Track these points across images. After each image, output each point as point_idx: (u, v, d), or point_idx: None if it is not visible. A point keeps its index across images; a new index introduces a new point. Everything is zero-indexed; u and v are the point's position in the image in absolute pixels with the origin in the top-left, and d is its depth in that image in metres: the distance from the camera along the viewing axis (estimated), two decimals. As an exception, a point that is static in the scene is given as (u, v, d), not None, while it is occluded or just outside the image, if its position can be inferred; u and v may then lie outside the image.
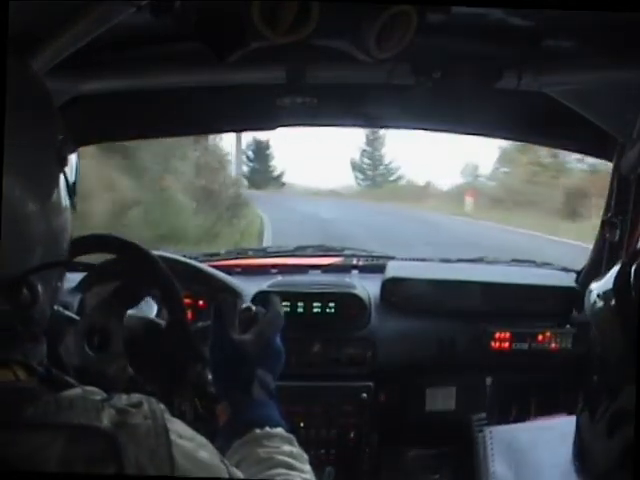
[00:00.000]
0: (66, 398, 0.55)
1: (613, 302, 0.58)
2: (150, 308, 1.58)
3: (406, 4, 1.00)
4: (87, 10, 0.92)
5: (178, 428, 0.59)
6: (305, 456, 0.82)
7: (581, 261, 1.86)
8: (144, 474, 0.54)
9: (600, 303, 0.61)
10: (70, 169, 0.65)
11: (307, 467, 0.80)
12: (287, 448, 0.80)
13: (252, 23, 0.96)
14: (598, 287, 0.62)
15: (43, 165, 0.62)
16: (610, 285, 0.59)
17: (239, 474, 0.66)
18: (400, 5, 0.99)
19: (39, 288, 0.59)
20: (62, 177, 0.64)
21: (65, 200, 0.65)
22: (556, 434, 1.10)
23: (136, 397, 0.58)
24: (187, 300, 1.47)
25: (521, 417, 1.68)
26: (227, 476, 0.62)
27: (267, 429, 0.81)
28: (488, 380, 1.73)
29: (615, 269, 0.59)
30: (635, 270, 0.57)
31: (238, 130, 2.94)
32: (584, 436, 0.58)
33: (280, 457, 0.78)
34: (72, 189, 0.66)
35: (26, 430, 0.53)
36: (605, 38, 1.12)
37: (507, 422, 1.59)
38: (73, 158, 0.67)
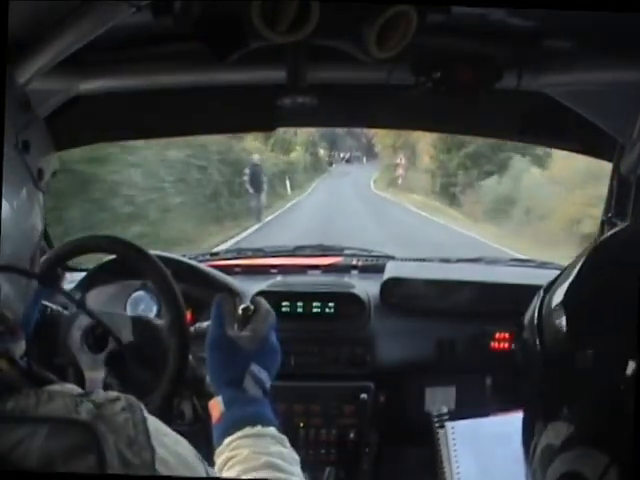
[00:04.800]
0: (45, 392, 0.56)
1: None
2: (149, 308, 1.59)
3: (406, 4, 1.00)
4: (87, 10, 0.92)
5: (156, 424, 0.59)
6: (296, 458, 0.81)
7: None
8: (125, 462, 0.54)
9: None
10: (34, 154, 0.64)
11: (297, 469, 0.79)
12: (277, 449, 0.79)
13: (252, 23, 0.96)
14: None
15: (4, 153, 0.60)
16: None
17: (215, 473, 0.66)
18: (400, 5, 0.99)
19: (0, 283, 0.59)
20: (24, 163, 0.63)
21: (31, 189, 0.64)
22: (518, 428, 1.10)
23: (113, 393, 0.58)
24: (186, 300, 1.47)
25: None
26: (204, 474, 0.62)
27: (259, 427, 0.81)
28: (488, 380, 1.73)
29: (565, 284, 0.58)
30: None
31: (238, 130, 2.95)
32: (526, 474, 0.58)
33: (268, 458, 0.77)
34: (38, 176, 0.65)
35: (6, 423, 0.53)
36: (605, 38, 1.11)
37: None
38: (39, 143, 0.65)
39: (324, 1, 0.97)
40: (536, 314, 0.56)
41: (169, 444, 0.59)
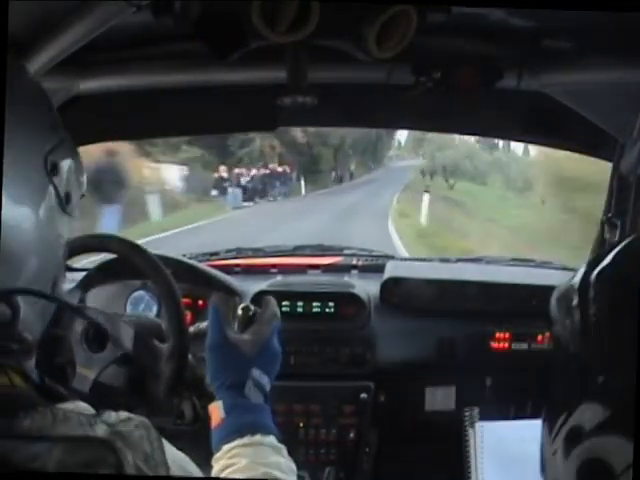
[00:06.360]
0: (61, 411, 0.56)
1: (575, 307, 0.56)
2: (149, 308, 1.59)
3: (406, 4, 1.00)
4: (87, 10, 0.92)
5: (166, 443, 0.60)
6: (293, 468, 0.81)
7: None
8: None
9: (562, 306, 0.60)
10: (62, 178, 0.64)
11: (293, 479, 0.79)
12: (275, 459, 0.79)
13: (252, 23, 0.96)
14: (562, 290, 0.60)
15: (31, 173, 0.60)
16: (574, 289, 0.57)
17: None
18: (400, 5, 0.99)
19: (20, 304, 0.59)
20: (52, 186, 0.63)
21: (57, 210, 0.64)
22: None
23: (124, 414, 0.59)
24: (186, 300, 1.47)
25: (520, 417, 1.68)
26: None
27: (258, 436, 0.80)
28: (488, 380, 1.73)
29: (581, 271, 0.57)
30: (597, 275, 0.54)
31: (238, 130, 2.96)
32: (545, 450, 0.57)
33: (266, 469, 0.77)
34: (65, 198, 0.65)
35: (23, 440, 0.53)
36: (605, 38, 1.11)
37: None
38: (68, 166, 0.65)
39: (324, 1, 0.97)
40: (578, 287, 0.55)
41: (181, 463, 0.61)
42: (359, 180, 22.85)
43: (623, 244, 0.56)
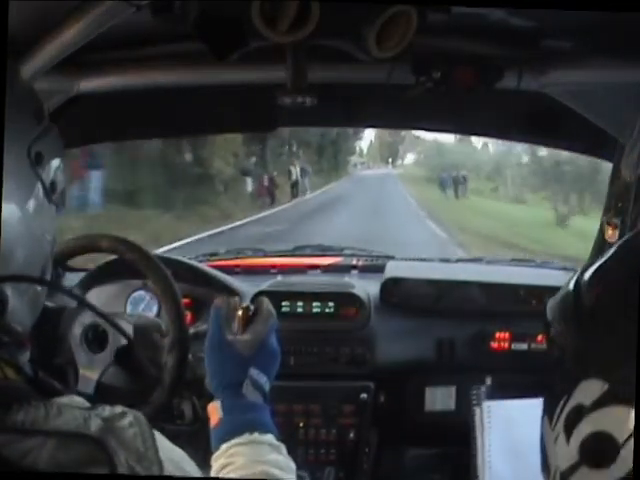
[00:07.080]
0: (55, 405, 0.56)
1: (573, 309, 0.58)
2: (149, 308, 1.59)
3: (406, 4, 1.00)
4: (87, 10, 0.92)
5: (162, 439, 0.60)
6: (292, 466, 0.81)
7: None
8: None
9: (557, 302, 0.61)
10: (46, 167, 0.64)
11: (292, 477, 0.79)
12: (274, 457, 0.79)
13: (252, 23, 0.96)
14: (559, 295, 0.62)
15: (16, 164, 0.60)
16: (570, 286, 0.59)
17: None
18: (400, 5, 0.99)
19: (8, 295, 0.59)
20: (37, 176, 0.63)
21: (43, 201, 0.64)
22: None
23: (119, 408, 0.58)
24: (186, 300, 1.47)
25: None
26: None
27: (256, 435, 0.80)
28: (488, 380, 1.73)
29: (576, 275, 0.59)
30: (594, 272, 0.56)
31: (238, 130, 2.96)
32: (546, 440, 0.57)
33: (264, 467, 0.77)
34: (51, 189, 0.65)
35: (16, 434, 0.53)
36: (605, 38, 1.11)
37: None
38: (52, 156, 0.65)
39: (324, 1, 0.97)
40: (574, 288, 0.57)
41: (176, 460, 0.60)
42: (315, 197, 13.73)
43: (622, 241, 0.57)
